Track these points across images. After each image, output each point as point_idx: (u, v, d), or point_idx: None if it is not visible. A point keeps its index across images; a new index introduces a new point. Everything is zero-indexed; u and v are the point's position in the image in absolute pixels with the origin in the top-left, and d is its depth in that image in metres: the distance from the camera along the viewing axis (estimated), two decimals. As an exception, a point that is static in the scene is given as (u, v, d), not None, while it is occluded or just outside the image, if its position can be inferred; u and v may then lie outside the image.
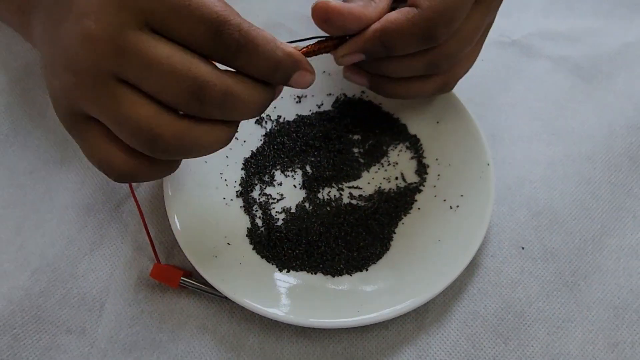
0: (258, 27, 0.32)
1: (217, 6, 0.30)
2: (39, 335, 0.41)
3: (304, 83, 0.35)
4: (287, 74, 0.34)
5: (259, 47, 0.32)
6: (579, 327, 0.41)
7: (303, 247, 0.43)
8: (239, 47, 0.31)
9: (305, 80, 0.35)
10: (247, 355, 0.40)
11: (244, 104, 0.33)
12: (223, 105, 0.32)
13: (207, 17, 0.30)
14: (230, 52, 0.31)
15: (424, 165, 0.47)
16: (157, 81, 0.30)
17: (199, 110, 0.32)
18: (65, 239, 0.44)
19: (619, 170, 0.48)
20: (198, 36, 0.30)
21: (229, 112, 0.33)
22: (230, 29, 0.30)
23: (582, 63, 0.53)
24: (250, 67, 0.32)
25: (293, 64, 0.34)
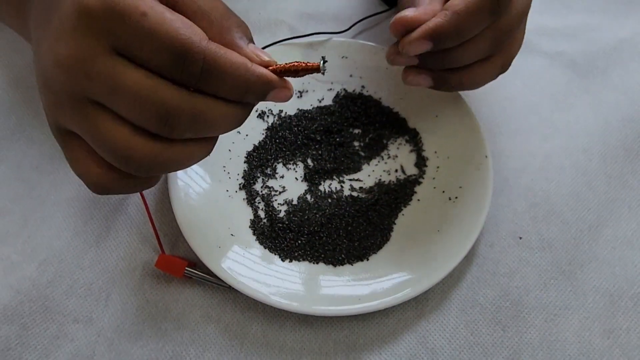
0: (227, 50, 0.31)
1: (181, 32, 0.30)
2: (46, 324, 0.42)
3: (281, 99, 0.34)
4: (260, 95, 0.33)
5: (226, 73, 0.31)
6: (575, 315, 0.42)
7: (305, 238, 0.44)
8: (204, 74, 0.31)
9: (281, 96, 0.34)
10: (250, 343, 0.41)
11: (216, 124, 0.33)
12: (194, 127, 0.32)
13: (169, 44, 0.30)
14: (195, 78, 0.31)
15: (423, 158, 0.47)
16: (126, 105, 0.30)
17: (169, 133, 0.31)
18: (72, 231, 0.45)
19: (615, 162, 0.49)
20: (162, 62, 0.30)
21: (201, 132, 0.33)
22: (194, 57, 0.30)
23: (578, 59, 0.54)
24: (219, 91, 0.32)
25: (265, 86, 0.33)
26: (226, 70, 0.31)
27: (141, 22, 0.29)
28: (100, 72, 0.30)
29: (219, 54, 0.31)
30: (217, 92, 0.32)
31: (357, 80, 0.51)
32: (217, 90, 0.32)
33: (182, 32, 0.30)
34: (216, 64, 0.31)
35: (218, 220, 0.44)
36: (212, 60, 0.30)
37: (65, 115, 0.32)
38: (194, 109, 0.31)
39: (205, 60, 0.30)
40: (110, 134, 0.31)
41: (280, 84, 0.34)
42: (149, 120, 0.31)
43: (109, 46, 0.30)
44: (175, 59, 0.30)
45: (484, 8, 0.37)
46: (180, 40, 0.30)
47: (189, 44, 0.30)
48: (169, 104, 0.30)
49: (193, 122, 0.31)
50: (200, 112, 0.31)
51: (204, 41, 0.30)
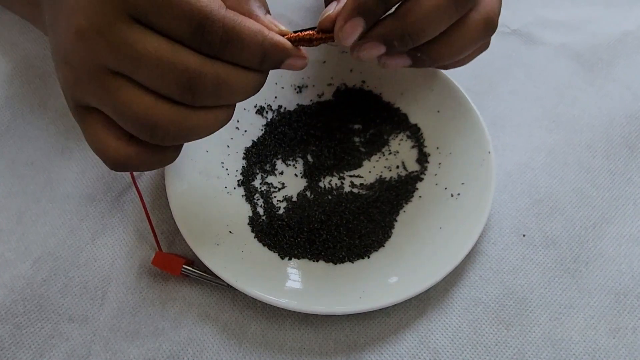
0: (245, 18, 0.32)
1: (201, 0, 0.30)
2: (41, 323, 0.41)
3: (296, 68, 0.35)
4: (276, 62, 0.33)
5: (244, 41, 0.31)
6: (580, 313, 0.41)
7: (305, 235, 0.43)
8: (223, 42, 0.31)
9: (296, 65, 0.34)
10: (249, 343, 0.40)
11: (236, 90, 0.33)
12: (216, 93, 0.32)
13: (189, 13, 0.30)
14: (215, 47, 0.31)
15: (424, 154, 0.47)
16: (148, 74, 0.30)
17: (192, 100, 0.32)
18: (67, 228, 0.44)
19: (618, 159, 0.48)
20: (182, 31, 0.30)
21: (223, 99, 0.33)
22: (213, 25, 0.30)
23: (582, 51, 0.53)
24: (238, 59, 0.32)
25: (281, 53, 0.33)
26: (244, 37, 0.31)
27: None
28: (121, 40, 0.30)
29: (237, 21, 0.31)
30: (236, 59, 0.32)
31: (358, 75, 0.50)
32: (236, 57, 0.32)
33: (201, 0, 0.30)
34: (234, 31, 0.31)
35: (216, 217, 0.43)
36: (231, 28, 0.31)
37: (86, 90, 0.32)
38: (215, 75, 0.31)
39: (224, 28, 0.30)
40: (134, 103, 0.31)
41: (295, 52, 0.34)
42: (172, 87, 0.31)
43: (127, 14, 0.30)
44: (195, 27, 0.30)
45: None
46: (199, 8, 0.30)
47: (207, 12, 0.30)
48: (191, 70, 0.31)
49: (215, 87, 0.31)
50: (221, 78, 0.32)
51: (223, 9, 0.31)
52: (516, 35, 0.55)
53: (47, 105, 0.50)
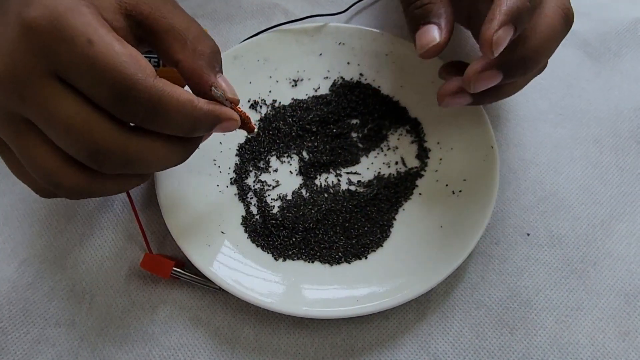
0: (173, 88, 0.30)
1: (127, 67, 0.28)
2: (27, 328, 0.40)
3: (227, 130, 0.33)
4: (207, 129, 0.32)
5: (171, 112, 0.30)
6: (588, 316, 0.40)
7: (300, 235, 0.42)
8: (148, 113, 0.29)
9: (228, 128, 0.33)
10: (242, 348, 0.39)
11: (152, 164, 0.31)
12: (124, 167, 0.30)
13: (112, 80, 0.28)
14: (138, 117, 0.29)
15: (425, 149, 0.45)
16: (56, 135, 0.29)
17: (98, 169, 0.30)
18: (54, 229, 0.43)
19: (627, 154, 0.46)
20: (104, 97, 0.28)
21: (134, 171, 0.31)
22: (138, 95, 0.28)
23: (590, 39, 0.51)
24: (164, 129, 0.30)
25: (214, 119, 0.32)
26: (171, 109, 0.29)
27: (85, 50, 0.27)
28: (35, 95, 0.28)
29: (165, 92, 0.29)
30: (162, 129, 0.30)
31: (355, 67, 0.48)
32: (162, 127, 0.30)
33: (128, 66, 0.28)
34: (161, 103, 0.29)
35: (208, 217, 0.42)
36: (157, 99, 0.29)
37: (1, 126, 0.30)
38: (127, 150, 0.30)
39: (149, 99, 0.29)
40: (41, 157, 0.30)
41: (229, 114, 0.33)
42: (78, 153, 0.29)
43: (48, 68, 0.28)
44: (117, 95, 0.28)
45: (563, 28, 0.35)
46: (124, 76, 0.28)
47: (133, 81, 0.28)
48: (100, 142, 0.29)
49: (124, 162, 0.30)
50: (134, 153, 0.30)
51: (150, 78, 0.29)
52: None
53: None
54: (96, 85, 0.28)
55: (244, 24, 0.52)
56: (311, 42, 0.48)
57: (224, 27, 0.51)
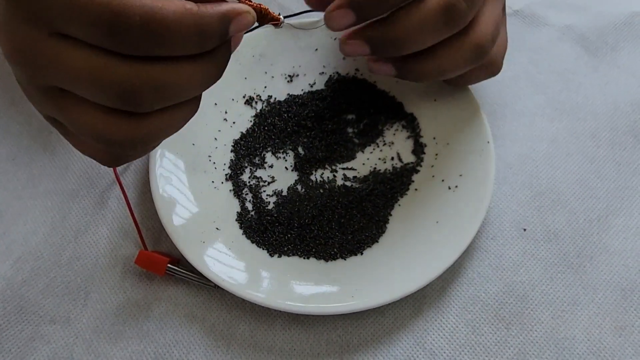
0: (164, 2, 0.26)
1: None
2: (21, 325, 0.40)
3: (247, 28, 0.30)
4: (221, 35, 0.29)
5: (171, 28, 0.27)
6: (584, 310, 0.40)
7: (295, 231, 0.41)
8: (145, 37, 0.26)
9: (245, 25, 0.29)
10: (237, 344, 0.39)
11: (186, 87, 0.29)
12: (160, 98, 0.28)
13: (102, 14, 0.26)
14: (140, 46, 0.27)
15: (421, 145, 0.45)
16: (83, 89, 0.28)
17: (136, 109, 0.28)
18: (49, 226, 0.43)
19: (624, 148, 0.46)
20: (101, 37, 0.26)
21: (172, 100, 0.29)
22: (128, 21, 0.26)
23: (588, 33, 0.51)
24: (172, 50, 0.28)
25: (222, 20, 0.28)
26: (170, 24, 0.26)
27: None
28: (47, 58, 0.27)
29: (156, 8, 0.26)
30: (170, 52, 0.28)
31: (351, 63, 0.48)
32: (169, 50, 0.27)
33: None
34: (155, 21, 0.26)
35: (202, 214, 0.41)
36: (150, 18, 0.26)
37: (40, 105, 0.30)
38: (153, 80, 0.27)
39: (141, 21, 0.26)
40: (84, 119, 0.29)
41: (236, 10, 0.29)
42: (111, 100, 0.28)
43: (44, 29, 0.27)
44: (111, 29, 0.26)
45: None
46: (111, 6, 0.26)
47: (118, 8, 0.26)
48: (124, 81, 0.27)
49: (157, 93, 0.28)
50: (161, 81, 0.28)
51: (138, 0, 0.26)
52: (519, 16, 0.52)
53: (29, 99, 0.48)
54: (91, 27, 0.26)
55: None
56: (307, 38, 0.48)
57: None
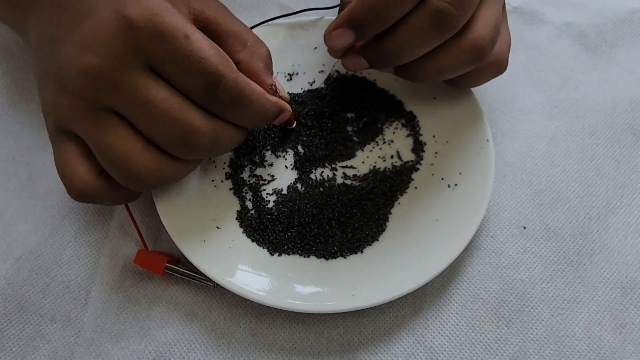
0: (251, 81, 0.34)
1: (217, 60, 0.31)
2: (22, 325, 0.40)
3: (281, 121, 0.39)
4: (271, 120, 0.37)
5: (252, 103, 0.33)
6: (584, 308, 0.40)
7: (295, 230, 0.41)
8: (233, 102, 0.32)
9: (283, 119, 0.39)
10: (238, 343, 0.39)
11: (226, 147, 0.35)
12: (209, 150, 0.33)
13: (206, 71, 0.31)
14: (224, 105, 0.32)
15: (420, 143, 0.45)
16: (149, 122, 0.31)
17: (182, 153, 0.33)
18: (49, 225, 0.43)
19: (623, 146, 0.46)
20: (195, 87, 0.31)
21: (211, 155, 0.35)
22: (227, 84, 0.32)
23: (587, 30, 0.51)
24: (241, 118, 0.34)
25: (278, 112, 0.37)
26: (252, 100, 0.33)
27: (183, 44, 0.31)
28: (131, 85, 0.31)
29: (248, 84, 0.33)
30: (238, 119, 0.34)
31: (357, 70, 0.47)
32: (239, 117, 0.34)
33: (219, 60, 0.32)
34: (245, 93, 0.33)
35: (202, 212, 0.41)
36: (242, 90, 0.33)
37: (76, 118, 0.32)
38: (214, 133, 0.33)
39: (236, 89, 0.32)
40: (121, 145, 0.32)
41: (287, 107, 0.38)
42: (169, 138, 0.32)
43: (144, 62, 0.31)
44: (209, 85, 0.31)
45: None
46: (216, 67, 0.31)
47: (223, 72, 0.32)
48: (193, 125, 0.32)
49: (209, 144, 0.33)
50: (217, 137, 0.33)
51: (235, 71, 0.32)
52: (518, 13, 0.52)
53: (29, 98, 0.48)
54: (191, 76, 0.31)
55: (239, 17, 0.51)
56: (306, 36, 0.48)
57: (219, 21, 0.51)
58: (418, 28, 0.34)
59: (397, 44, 0.36)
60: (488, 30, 0.36)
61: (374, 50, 0.37)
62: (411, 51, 0.36)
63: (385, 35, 0.36)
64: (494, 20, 0.37)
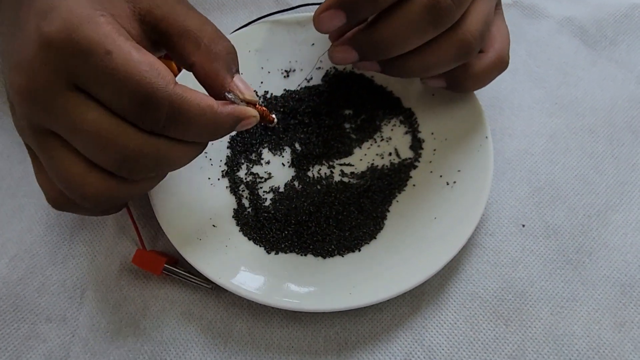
0: (194, 94, 0.30)
1: (146, 76, 0.28)
2: (17, 324, 0.39)
3: (247, 127, 0.33)
4: (228, 131, 0.33)
5: (192, 118, 0.30)
6: (583, 307, 0.39)
7: (292, 228, 0.41)
8: (169, 120, 0.29)
9: (248, 125, 0.33)
10: (235, 342, 0.39)
11: (174, 164, 0.32)
12: (152, 170, 0.31)
13: (133, 89, 0.28)
14: (159, 124, 0.29)
15: (418, 140, 0.44)
16: (83, 145, 0.29)
17: (127, 175, 0.31)
18: (44, 224, 0.43)
19: (622, 144, 0.45)
20: (125, 106, 0.28)
21: (158, 173, 0.33)
22: (159, 102, 0.28)
23: (587, 26, 0.50)
24: (186, 135, 0.31)
25: (234, 121, 0.32)
26: (193, 116, 0.30)
27: (104, 62, 0.27)
28: (59, 107, 0.28)
29: (185, 99, 0.29)
30: (182, 135, 0.31)
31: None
32: (182, 134, 0.30)
33: (147, 75, 0.28)
34: (182, 110, 0.29)
35: (199, 211, 0.41)
36: (178, 106, 0.29)
37: (26, 137, 0.31)
38: (154, 153, 0.30)
39: (170, 106, 0.29)
40: (66, 167, 0.30)
41: (248, 112, 0.33)
42: (107, 162, 0.30)
43: (68, 81, 0.28)
44: (138, 104, 0.28)
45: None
46: (144, 85, 0.28)
47: (153, 89, 0.28)
48: (128, 148, 0.29)
49: (153, 165, 0.30)
50: (160, 156, 0.30)
51: (170, 85, 0.29)
52: (518, 7, 0.52)
53: (24, 95, 0.48)
54: (117, 95, 0.28)
55: (235, 13, 0.51)
56: (303, 32, 0.47)
57: (215, 16, 0.51)
58: (413, 19, 0.33)
59: (389, 34, 0.34)
60: (478, 26, 0.36)
61: (364, 40, 0.36)
62: (403, 43, 0.35)
63: (378, 24, 0.35)
64: (484, 16, 0.36)
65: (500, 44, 0.39)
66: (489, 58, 0.39)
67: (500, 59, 0.39)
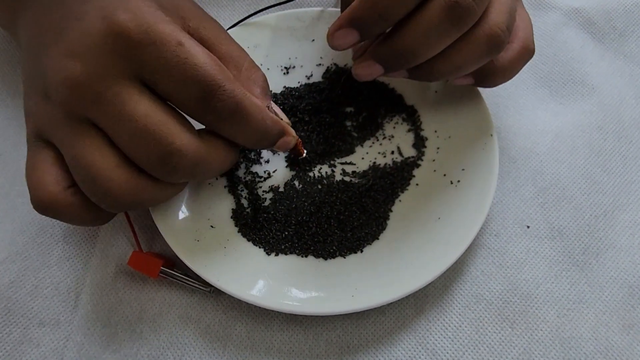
0: (248, 93, 0.31)
1: (213, 69, 0.29)
2: (9, 328, 0.38)
3: (285, 147, 0.35)
4: (273, 141, 0.34)
5: (250, 116, 0.31)
6: (591, 309, 0.39)
7: (292, 229, 0.40)
8: (229, 114, 0.30)
9: (286, 144, 0.35)
10: (234, 346, 0.38)
11: (211, 170, 0.33)
12: (190, 172, 0.31)
13: (201, 79, 0.29)
14: (220, 118, 0.30)
15: (422, 138, 0.43)
16: (128, 137, 0.29)
17: (162, 175, 0.31)
18: (37, 224, 0.42)
19: (630, 142, 0.45)
20: (188, 97, 0.30)
21: (194, 178, 0.32)
22: (224, 95, 0.30)
23: (596, 17, 0.49)
24: (237, 134, 0.32)
25: (280, 132, 0.34)
26: (250, 113, 0.31)
27: (176, 51, 0.29)
28: (112, 95, 0.29)
29: (245, 96, 0.31)
30: (235, 135, 0.32)
31: (349, 53, 0.46)
32: (236, 133, 0.32)
33: (216, 68, 0.30)
34: (243, 105, 0.31)
35: (196, 211, 0.40)
36: (241, 101, 0.30)
37: (53, 126, 0.31)
38: (198, 155, 0.31)
39: (234, 99, 0.30)
40: (96, 159, 0.30)
41: (290, 130, 0.35)
42: (147, 157, 0.30)
43: (132, 72, 0.29)
44: (204, 94, 0.29)
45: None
46: (212, 76, 0.29)
47: (221, 81, 0.30)
48: (174, 144, 0.30)
49: (192, 165, 0.31)
50: (202, 158, 0.31)
51: (233, 81, 0.30)
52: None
53: (17, 93, 0.47)
54: (185, 85, 0.29)
55: (233, 7, 0.50)
56: (303, 28, 0.46)
57: (212, 10, 0.49)
58: (433, 23, 0.32)
59: (411, 42, 0.33)
60: (503, 18, 0.34)
61: (386, 52, 0.34)
62: (427, 49, 0.33)
63: (398, 34, 0.34)
64: (508, 6, 0.35)
65: (524, 32, 0.38)
66: (514, 49, 0.37)
67: (525, 47, 0.38)
